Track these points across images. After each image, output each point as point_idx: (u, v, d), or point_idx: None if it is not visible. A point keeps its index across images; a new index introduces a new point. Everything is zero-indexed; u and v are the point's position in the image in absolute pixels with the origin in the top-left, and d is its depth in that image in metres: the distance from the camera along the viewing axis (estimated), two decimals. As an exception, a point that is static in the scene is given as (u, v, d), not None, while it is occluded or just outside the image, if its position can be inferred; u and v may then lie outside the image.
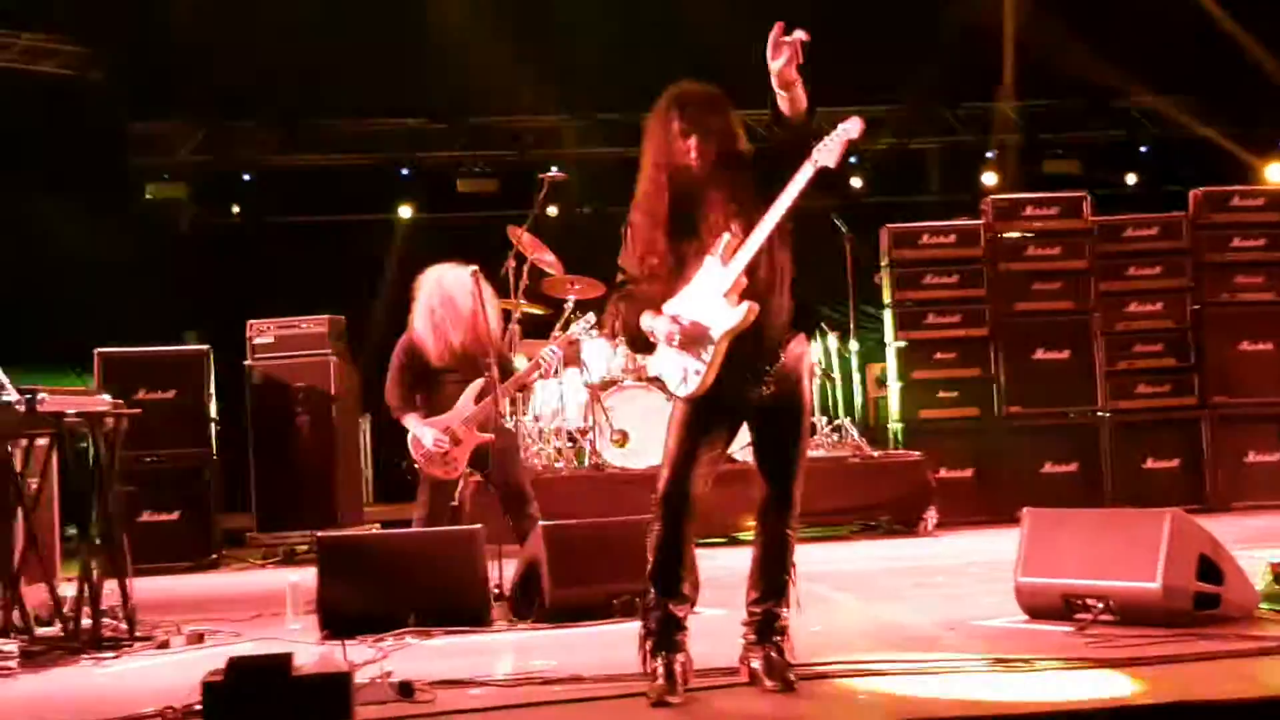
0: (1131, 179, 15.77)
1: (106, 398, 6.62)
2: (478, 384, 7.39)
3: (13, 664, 5.66)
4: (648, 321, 4.81)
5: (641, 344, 4.98)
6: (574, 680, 4.94)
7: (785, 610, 4.83)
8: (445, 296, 7.42)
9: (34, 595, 6.48)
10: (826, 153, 4.54)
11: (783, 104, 4.59)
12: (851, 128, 4.56)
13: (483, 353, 7.26)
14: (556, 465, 10.07)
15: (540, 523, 6.70)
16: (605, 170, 14.96)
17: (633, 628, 4.90)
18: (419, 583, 6.31)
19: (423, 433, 7.41)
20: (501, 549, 7.08)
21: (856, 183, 14.96)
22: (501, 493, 7.44)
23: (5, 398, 5.96)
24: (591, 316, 8.34)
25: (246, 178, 15.30)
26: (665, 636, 4.72)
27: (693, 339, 4.68)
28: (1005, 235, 11.15)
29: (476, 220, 13.92)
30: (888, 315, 11.35)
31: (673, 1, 13.47)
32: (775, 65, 4.48)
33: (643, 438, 9.87)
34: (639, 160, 4.83)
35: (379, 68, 14.07)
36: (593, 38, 13.76)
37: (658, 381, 9.74)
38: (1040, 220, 11.25)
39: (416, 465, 7.48)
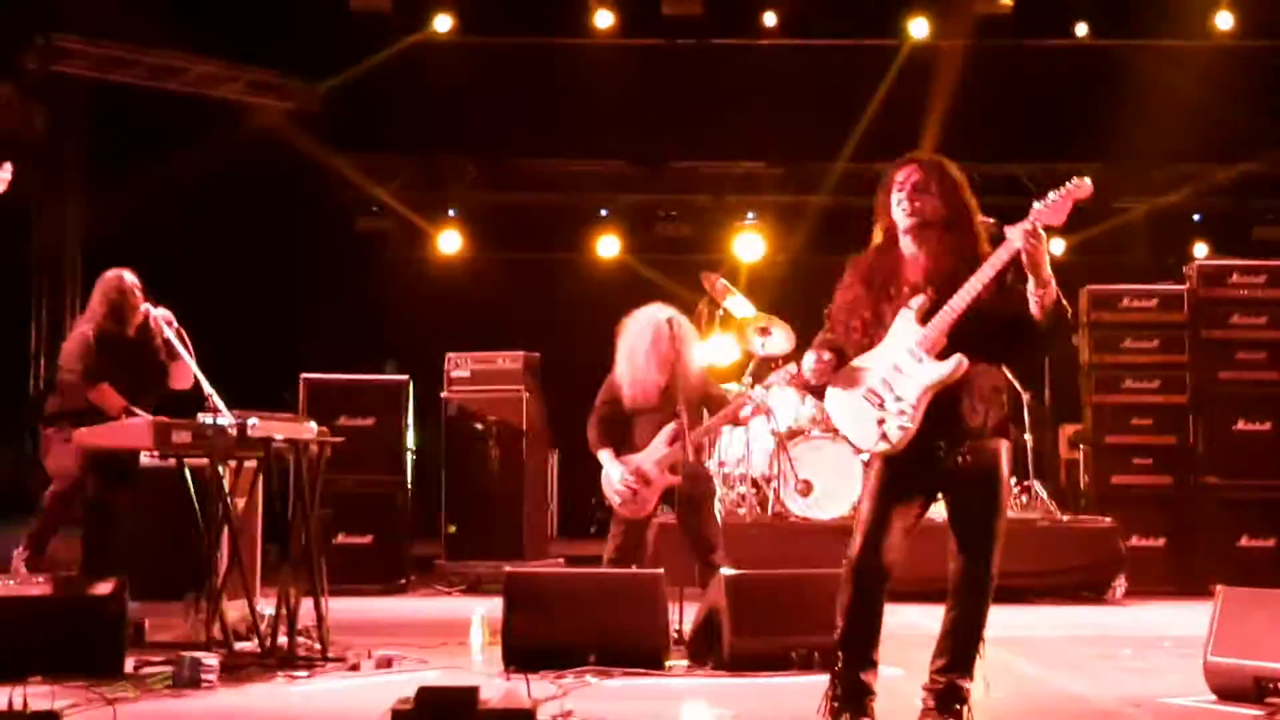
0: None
1: (313, 425, 6.89)
2: (671, 426, 7.45)
3: (213, 677, 5.86)
4: (808, 360, 4.88)
5: (822, 391, 4.98)
6: (750, 731, 4.98)
7: (969, 682, 4.77)
8: (647, 339, 7.47)
9: (234, 611, 6.77)
10: (1050, 211, 4.52)
11: (1033, 304, 4.59)
12: (1080, 187, 4.52)
13: (686, 394, 7.32)
14: (739, 512, 10.10)
15: (722, 570, 6.75)
16: (799, 217, 15.02)
17: (810, 681, 4.91)
18: (600, 622, 6.40)
19: (613, 470, 7.49)
20: (683, 591, 7.12)
21: (1059, 246, 14.68)
22: (689, 538, 7.47)
23: (220, 421, 6.27)
24: (793, 367, 8.38)
25: (451, 213, 15.74)
26: (852, 702, 4.68)
27: (849, 381, 4.70)
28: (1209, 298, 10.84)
29: (672, 261, 14.08)
30: (1084, 377, 11.13)
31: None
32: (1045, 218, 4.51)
33: (827, 488, 9.85)
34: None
35: (581, 109, 14.40)
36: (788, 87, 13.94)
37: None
38: (1247, 288, 10.90)
39: (608, 502, 7.59)
